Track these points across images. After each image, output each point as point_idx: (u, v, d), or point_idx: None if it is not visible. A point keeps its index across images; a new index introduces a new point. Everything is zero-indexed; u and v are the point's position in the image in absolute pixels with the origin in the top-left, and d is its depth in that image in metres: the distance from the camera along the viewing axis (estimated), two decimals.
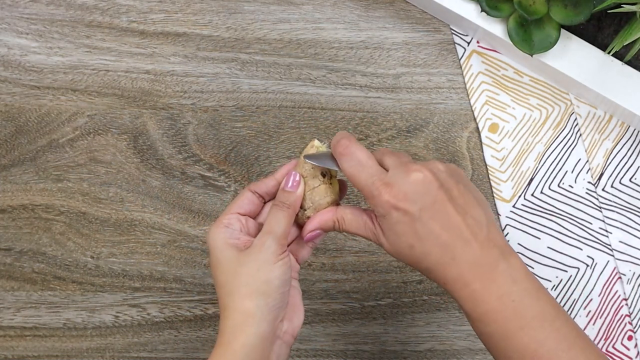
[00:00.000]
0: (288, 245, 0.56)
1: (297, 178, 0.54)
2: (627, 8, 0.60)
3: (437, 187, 0.49)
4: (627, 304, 0.70)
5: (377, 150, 0.53)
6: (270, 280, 0.50)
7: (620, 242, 0.71)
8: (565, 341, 0.47)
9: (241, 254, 0.51)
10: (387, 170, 0.51)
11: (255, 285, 0.50)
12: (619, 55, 0.66)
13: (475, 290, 0.48)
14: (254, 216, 0.56)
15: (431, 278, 0.50)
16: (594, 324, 0.70)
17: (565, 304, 0.70)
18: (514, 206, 0.71)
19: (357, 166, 0.51)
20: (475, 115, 0.72)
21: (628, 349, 0.70)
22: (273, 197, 0.55)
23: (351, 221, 0.53)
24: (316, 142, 0.55)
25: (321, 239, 0.57)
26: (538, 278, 0.70)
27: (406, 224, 0.49)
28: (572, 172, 0.71)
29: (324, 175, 0.54)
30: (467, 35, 0.72)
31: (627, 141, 0.71)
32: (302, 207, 0.54)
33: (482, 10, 0.66)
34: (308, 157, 0.54)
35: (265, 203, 0.56)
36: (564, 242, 0.71)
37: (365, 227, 0.52)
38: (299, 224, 0.56)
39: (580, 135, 0.71)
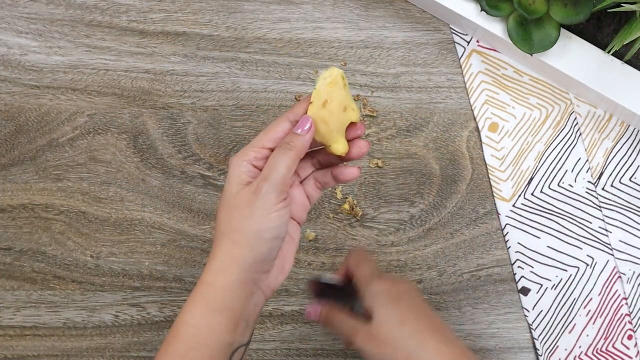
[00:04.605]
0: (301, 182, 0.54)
1: (309, 125, 0.50)
2: (627, 7, 0.60)
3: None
4: (627, 304, 0.70)
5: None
6: (261, 232, 0.48)
7: (621, 241, 0.71)
8: None
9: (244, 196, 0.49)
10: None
11: (246, 234, 0.48)
12: (619, 55, 0.66)
13: None
14: None
15: None
16: (594, 323, 0.70)
17: (565, 303, 0.70)
18: (514, 205, 0.71)
19: (362, 261, 0.56)
20: (475, 115, 0.72)
21: (628, 349, 0.70)
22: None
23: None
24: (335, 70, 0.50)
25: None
26: (538, 277, 0.70)
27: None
28: (572, 171, 0.71)
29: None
30: (467, 35, 0.72)
31: (627, 141, 0.71)
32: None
33: (482, 10, 0.66)
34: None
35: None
36: (564, 241, 0.71)
37: None
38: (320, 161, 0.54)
39: (581, 134, 0.71)
